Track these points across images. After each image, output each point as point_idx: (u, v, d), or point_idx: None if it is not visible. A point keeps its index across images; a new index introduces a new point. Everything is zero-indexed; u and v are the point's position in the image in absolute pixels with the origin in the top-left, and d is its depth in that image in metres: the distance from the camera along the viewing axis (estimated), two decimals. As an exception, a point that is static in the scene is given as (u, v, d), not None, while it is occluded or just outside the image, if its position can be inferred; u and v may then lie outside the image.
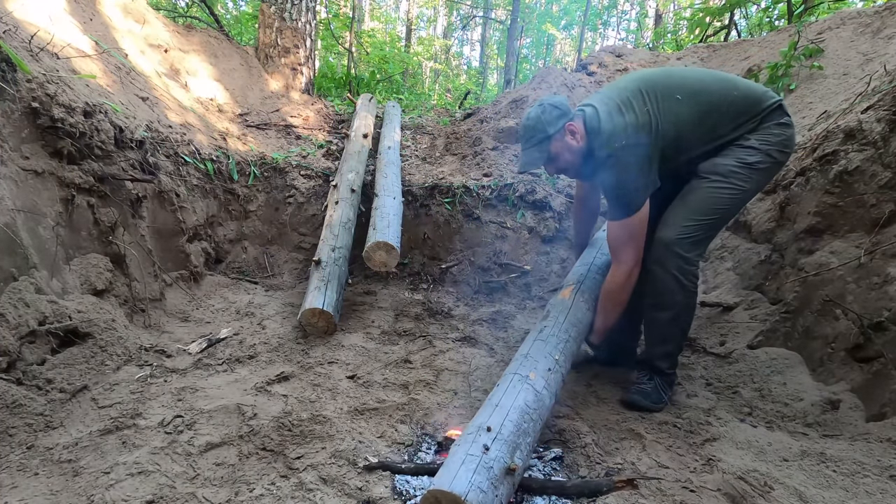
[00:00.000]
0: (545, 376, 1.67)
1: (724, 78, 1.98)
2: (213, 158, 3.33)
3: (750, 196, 1.95)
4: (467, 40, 22.51)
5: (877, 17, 3.70)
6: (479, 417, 1.47)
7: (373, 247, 2.66)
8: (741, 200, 1.94)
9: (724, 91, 1.90)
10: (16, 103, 2.01)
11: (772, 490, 1.46)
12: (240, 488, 1.43)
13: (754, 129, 1.89)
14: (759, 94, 1.91)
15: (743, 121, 1.88)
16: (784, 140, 1.88)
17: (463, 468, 1.26)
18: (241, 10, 9.69)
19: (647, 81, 1.94)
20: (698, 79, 1.97)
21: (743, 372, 2.24)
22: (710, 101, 1.88)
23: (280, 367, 2.18)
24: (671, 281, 1.91)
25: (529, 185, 3.70)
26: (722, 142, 1.91)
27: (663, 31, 11.96)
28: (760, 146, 1.86)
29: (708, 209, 1.89)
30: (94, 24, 3.31)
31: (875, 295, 1.98)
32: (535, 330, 1.93)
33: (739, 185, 1.87)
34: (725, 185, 1.88)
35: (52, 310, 1.89)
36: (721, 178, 1.88)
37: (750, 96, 1.89)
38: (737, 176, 1.87)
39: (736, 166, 1.87)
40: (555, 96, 2.05)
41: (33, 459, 1.49)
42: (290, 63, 5.02)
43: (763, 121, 1.88)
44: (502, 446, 1.36)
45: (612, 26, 19.92)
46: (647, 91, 1.90)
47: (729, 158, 1.89)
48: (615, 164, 1.84)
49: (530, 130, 1.95)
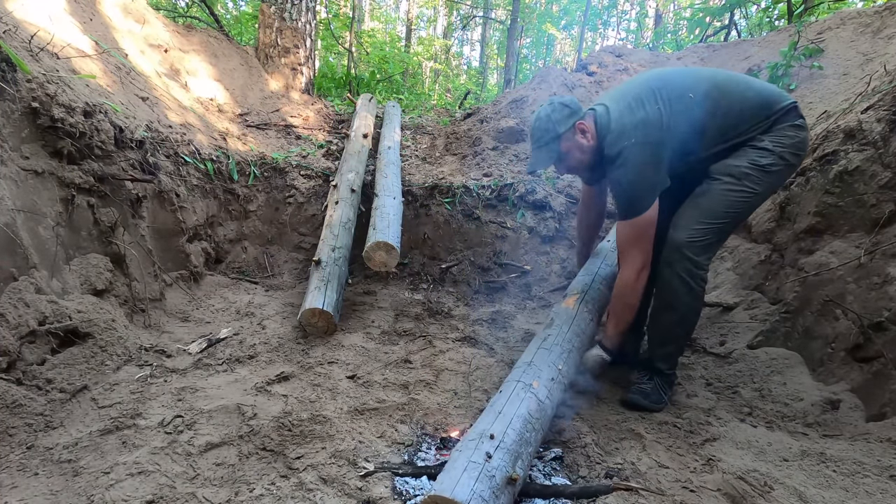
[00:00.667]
0: (548, 386, 1.66)
1: (738, 78, 1.95)
2: (213, 158, 3.33)
3: (762, 199, 1.93)
4: (467, 40, 22.51)
5: (877, 17, 3.70)
6: (482, 423, 1.46)
7: (373, 247, 2.66)
8: (753, 203, 1.91)
9: (739, 91, 1.87)
10: (16, 103, 2.01)
11: (772, 490, 1.46)
12: (240, 488, 1.43)
13: (768, 129, 1.86)
14: (775, 96, 1.88)
15: (756, 121, 1.85)
16: (798, 143, 1.85)
17: (465, 475, 1.25)
18: (241, 10, 9.69)
19: (660, 80, 1.92)
20: (712, 78, 1.92)
21: (743, 372, 2.24)
22: (723, 101, 1.85)
23: (280, 367, 2.18)
24: (679, 283, 1.89)
25: (529, 185, 3.70)
26: (735, 142, 1.88)
27: (663, 31, 11.96)
28: (774, 148, 1.83)
29: (720, 212, 1.87)
30: (94, 24, 3.31)
31: (875, 295, 1.98)
32: (539, 338, 1.91)
33: (751, 188, 1.85)
34: (737, 188, 1.85)
35: (52, 310, 1.89)
36: (734, 179, 1.85)
37: (765, 97, 1.87)
38: (749, 178, 1.84)
39: (749, 168, 1.84)
40: (564, 96, 2.03)
41: (33, 459, 1.49)
42: (290, 63, 5.02)
43: (777, 122, 1.85)
44: (505, 455, 1.34)
45: (612, 26, 19.92)
46: (659, 90, 1.87)
47: (742, 160, 1.86)
48: (625, 162, 1.82)
49: (540, 130, 1.93)
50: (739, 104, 1.86)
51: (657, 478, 1.55)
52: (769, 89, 1.92)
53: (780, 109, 1.85)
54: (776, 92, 1.91)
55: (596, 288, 2.18)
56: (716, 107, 1.85)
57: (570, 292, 2.18)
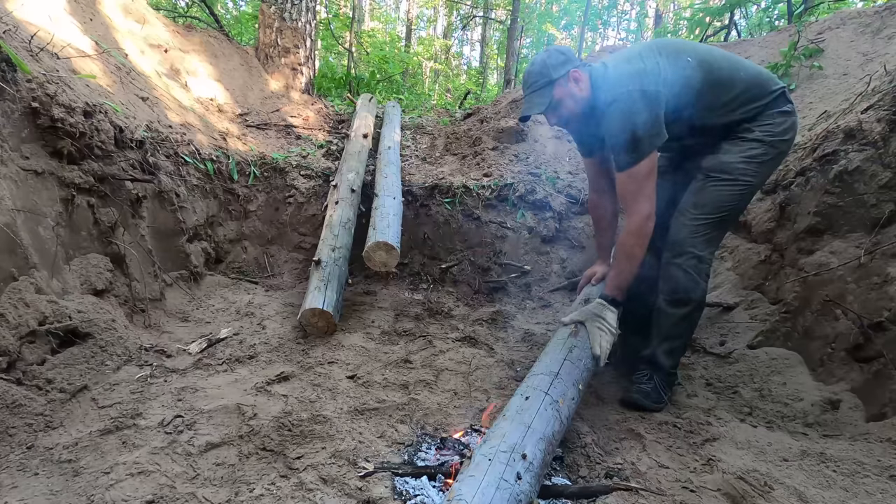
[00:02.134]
0: (569, 405, 1.63)
1: (732, 58, 1.98)
2: (213, 158, 3.33)
3: (757, 189, 2.00)
4: (467, 40, 22.50)
5: (877, 17, 3.70)
6: (512, 433, 1.39)
7: (373, 247, 2.66)
8: (749, 195, 1.97)
9: (732, 69, 1.91)
10: (16, 103, 2.01)
11: (772, 490, 1.46)
12: (240, 488, 1.43)
13: (758, 114, 1.90)
14: (765, 79, 1.93)
15: (746, 101, 1.89)
16: (787, 128, 1.90)
17: (497, 496, 1.19)
18: (241, 10, 9.69)
19: (660, 42, 1.99)
20: (708, 51, 1.98)
21: (743, 372, 2.24)
22: (717, 73, 1.89)
23: (280, 367, 2.18)
24: (685, 278, 1.94)
25: (529, 185, 3.70)
26: (726, 120, 1.91)
27: (663, 31, 11.96)
28: (764, 138, 1.88)
29: (717, 207, 1.92)
30: (94, 24, 3.31)
31: (875, 295, 1.98)
32: (564, 346, 1.84)
33: (746, 181, 1.91)
34: (732, 183, 1.91)
35: (52, 310, 1.89)
36: (727, 175, 1.91)
37: (756, 79, 1.91)
38: (743, 172, 1.90)
39: (741, 162, 1.89)
40: (561, 45, 2.06)
41: (33, 459, 1.49)
42: (290, 63, 5.02)
43: (767, 107, 1.89)
44: (532, 479, 1.30)
45: (612, 26, 19.91)
46: (658, 47, 1.92)
47: (734, 155, 1.90)
48: (620, 110, 1.81)
49: (534, 75, 1.93)
50: (731, 82, 1.89)
51: (657, 478, 1.55)
52: (761, 72, 1.96)
53: (771, 93, 1.90)
54: (767, 76, 1.95)
55: None
56: (709, 74, 1.88)
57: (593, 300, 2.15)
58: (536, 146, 4.30)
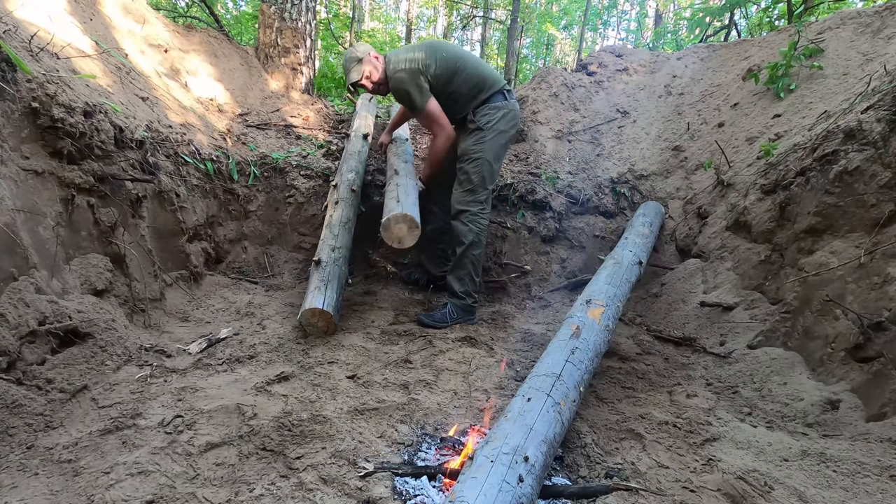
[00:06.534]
0: (570, 408, 1.63)
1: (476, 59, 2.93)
2: (213, 158, 3.33)
3: (492, 155, 2.80)
4: (467, 40, 22.49)
5: (877, 17, 3.70)
6: (514, 434, 1.38)
7: (398, 217, 2.55)
8: (488, 161, 2.79)
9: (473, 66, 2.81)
10: (16, 103, 2.01)
11: (772, 490, 1.46)
12: (240, 488, 1.43)
13: (482, 104, 2.79)
14: (491, 78, 2.82)
15: (476, 92, 2.79)
16: (502, 116, 2.79)
17: (499, 498, 1.18)
18: (241, 10, 9.68)
19: (430, 42, 2.86)
20: (461, 50, 2.95)
21: (743, 372, 2.24)
22: (463, 65, 2.79)
23: (280, 367, 2.18)
24: (462, 227, 2.82)
25: (529, 185, 3.70)
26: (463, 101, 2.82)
27: (663, 31, 11.97)
28: (485, 126, 2.78)
29: (470, 179, 2.81)
30: (94, 24, 3.31)
31: (875, 295, 1.98)
32: (566, 347, 1.86)
33: (483, 155, 2.78)
34: (476, 158, 2.78)
35: (52, 310, 1.89)
36: (468, 156, 2.80)
37: (485, 77, 2.81)
38: (478, 151, 2.78)
39: (474, 144, 2.79)
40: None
41: (33, 459, 1.49)
42: (290, 63, 5.01)
43: (488, 101, 2.79)
44: (533, 482, 1.30)
45: (612, 26, 19.90)
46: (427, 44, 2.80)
47: (469, 142, 2.81)
48: (398, 84, 2.74)
49: (352, 60, 2.82)
50: (470, 75, 2.78)
51: (657, 478, 1.55)
52: (490, 73, 2.84)
53: (491, 89, 2.79)
54: (492, 76, 2.83)
55: (615, 305, 2.26)
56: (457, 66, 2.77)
57: (595, 300, 2.19)
58: (536, 146, 4.30)
